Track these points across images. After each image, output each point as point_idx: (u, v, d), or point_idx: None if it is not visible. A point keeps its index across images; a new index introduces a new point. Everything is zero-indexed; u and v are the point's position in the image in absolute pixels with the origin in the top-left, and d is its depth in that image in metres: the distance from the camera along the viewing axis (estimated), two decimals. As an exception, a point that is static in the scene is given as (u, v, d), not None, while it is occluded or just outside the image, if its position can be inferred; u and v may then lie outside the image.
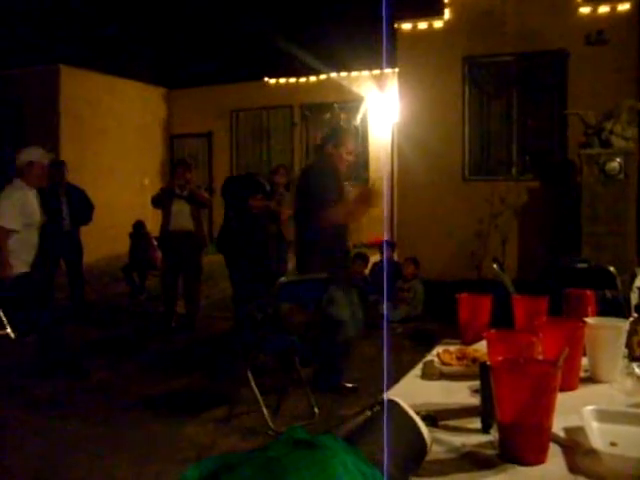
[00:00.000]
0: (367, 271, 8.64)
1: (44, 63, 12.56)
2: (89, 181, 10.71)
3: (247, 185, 7.38)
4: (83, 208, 8.26)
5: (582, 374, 1.98)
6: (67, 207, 8.13)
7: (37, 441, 4.20)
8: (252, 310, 7.31)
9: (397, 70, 10.53)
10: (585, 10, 9.15)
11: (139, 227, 10.13)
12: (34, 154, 5.84)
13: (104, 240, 11.51)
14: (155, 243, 9.63)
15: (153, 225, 8.80)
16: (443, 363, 2.16)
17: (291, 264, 7.04)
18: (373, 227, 8.92)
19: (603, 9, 9.06)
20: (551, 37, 9.23)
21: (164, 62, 14.80)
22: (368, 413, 1.30)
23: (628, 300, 4.93)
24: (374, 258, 9.01)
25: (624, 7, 8.96)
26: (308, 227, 4.88)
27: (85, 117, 12.70)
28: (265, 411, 4.30)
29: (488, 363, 1.59)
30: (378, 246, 8.94)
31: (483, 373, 1.57)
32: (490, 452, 1.45)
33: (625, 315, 2.36)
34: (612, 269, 4.83)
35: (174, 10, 14.68)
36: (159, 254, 9.27)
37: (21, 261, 5.63)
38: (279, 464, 0.93)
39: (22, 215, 5.59)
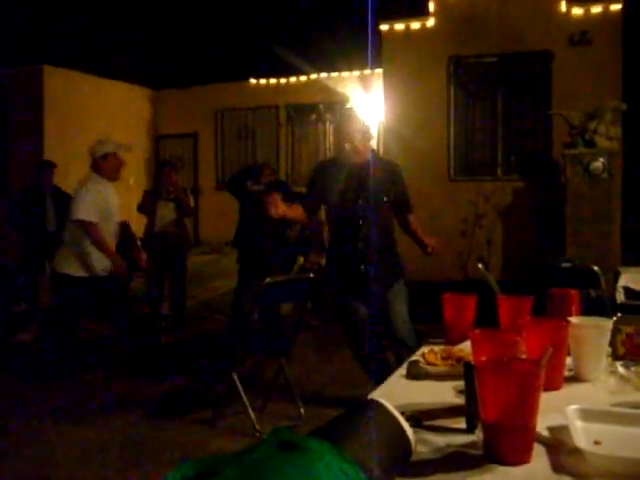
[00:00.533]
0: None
1: (28, 64, 12.47)
2: (74, 182, 10.63)
3: (242, 173, 7.40)
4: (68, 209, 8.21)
5: (566, 373, 1.99)
6: (53, 209, 8.09)
7: (22, 444, 4.17)
8: (243, 310, 7.32)
9: (382, 70, 10.55)
10: (569, 11, 9.21)
11: (124, 228, 10.07)
12: (110, 146, 5.71)
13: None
14: (139, 244, 9.56)
15: (138, 225, 8.75)
16: (428, 363, 2.16)
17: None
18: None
19: (587, 10, 9.12)
20: (535, 38, 9.28)
21: (149, 63, 14.73)
22: (353, 414, 1.30)
23: (612, 299, 4.98)
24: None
25: (607, 8, 9.02)
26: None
27: (70, 118, 12.61)
28: (251, 412, 4.29)
29: (472, 363, 1.60)
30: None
31: (467, 373, 1.57)
32: (475, 452, 1.45)
33: (609, 314, 2.37)
34: (596, 268, 4.87)
35: (159, 11, 14.61)
36: (144, 255, 9.22)
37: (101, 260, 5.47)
38: (263, 466, 0.92)
39: (99, 209, 5.46)
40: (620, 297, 5.03)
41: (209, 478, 0.89)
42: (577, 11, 9.17)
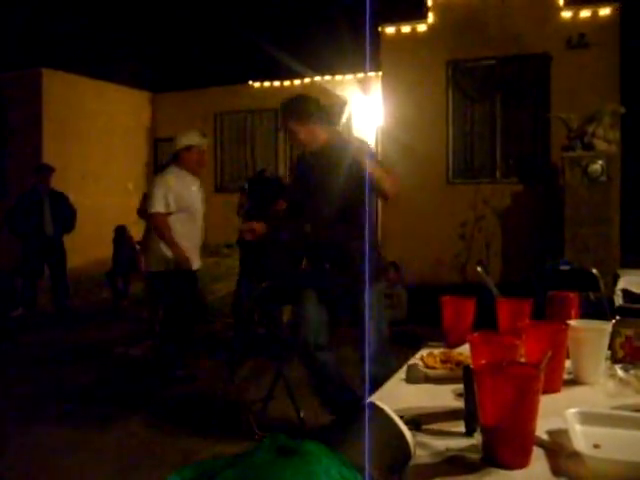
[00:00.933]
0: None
1: (26, 67, 12.47)
2: (73, 185, 10.67)
3: (273, 189, 7.17)
4: (66, 214, 8.22)
5: (565, 376, 1.99)
6: (50, 212, 8.09)
7: (19, 448, 4.16)
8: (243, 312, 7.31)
9: (381, 74, 10.56)
10: (567, 14, 9.22)
11: (121, 232, 10.07)
12: (193, 138, 5.50)
13: (88, 245, 11.43)
14: (138, 247, 9.57)
15: (138, 230, 8.75)
16: (427, 366, 2.15)
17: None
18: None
19: (584, 13, 9.13)
20: (534, 41, 9.29)
21: (148, 66, 14.74)
22: (351, 418, 1.30)
23: (611, 302, 4.98)
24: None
25: (605, 11, 9.04)
26: None
27: (68, 121, 12.62)
28: (250, 416, 4.28)
29: (471, 366, 1.59)
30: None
31: (466, 376, 1.57)
32: (474, 456, 1.45)
33: (608, 317, 2.37)
34: (595, 271, 4.87)
35: (159, 14, 14.63)
36: (142, 258, 9.22)
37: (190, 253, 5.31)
38: (262, 471, 0.92)
39: (174, 200, 5.25)
40: (619, 300, 5.03)
41: (208, 481, 0.89)
42: (575, 14, 9.18)
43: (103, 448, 4.17)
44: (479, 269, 5.29)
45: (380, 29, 10.17)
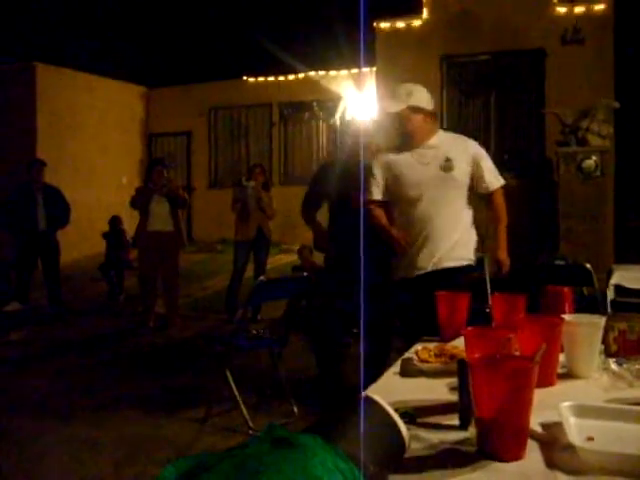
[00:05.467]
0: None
1: (20, 61, 12.42)
2: (66, 180, 10.64)
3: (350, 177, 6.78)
4: (59, 208, 8.19)
5: (559, 370, 1.99)
6: (43, 207, 8.06)
7: (13, 443, 4.16)
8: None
9: (375, 69, 10.55)
10: (561, 10, 9.24)
11: (115, 222, 10.03)
12: None
13: (82, 239, 11.42)
14: (129, 242, 9.56)
15: (131, 225, 8.74)
16: (421, 360, 2.16)
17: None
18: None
19: (579, 9, 9.15)
20: (528, 36, 9.30)
21: (143, 60, 14.70)
22: (346, 410, 1.30)
23: (605, 297, 5.00)
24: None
25: (600, 7, 9.05)
26: None
27: (62, 116, 12.58)
28: (244, 410, 4.28)
29: (466, 360, 1.60)
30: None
31: (461, 370, 1.58)
32: (468, 448, 1.45)
33: (601, 312, 2.38)
34: (589, 266, 4.89)
35: (153, 8, 14.58)
36: (132, 254, 9.23)
37: None
38: (258, 462, 0.92)
39: None
40: (612, 295, 5.05)
41: (203, 473, 0.89)
42: (569, 10, 9.19)
43: (97, 442, 4.17)
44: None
45: (375, 24, 10.16)
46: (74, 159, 12.51)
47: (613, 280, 5.18)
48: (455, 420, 1.60)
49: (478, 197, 3.98)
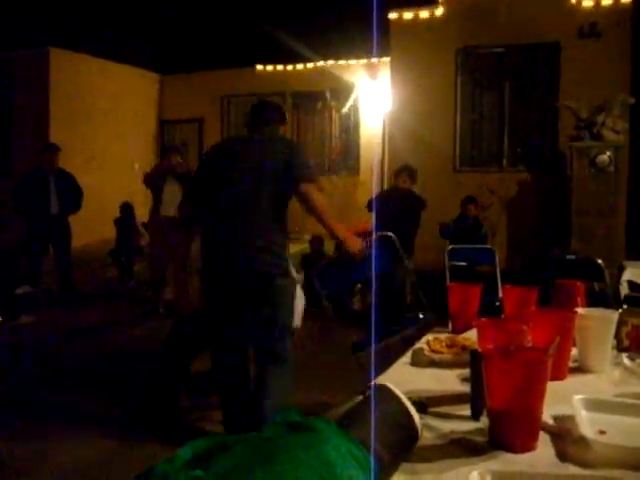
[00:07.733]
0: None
1: (34, 46, 12.43)
2: (79, 165, 10.66)
3: None
4: (72, 193, 8.21)
5: (571, 364, 1.99)
6: (56, 192, 8.09)
7: (17, 433, 4.15)
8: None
9: (389, 59, 10.51)
10: (578, 3, 9.15)
11: (127, 208, 10.05)
12: None
13: (93, 225, 11.45)
14: (141, 228, 9.60)
15: (143, 210, 8.75)
16: (433, 351, 2.16)
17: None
18: (363, 215, 8.86)
19: (597, 2, 9.06)
20: (544, 29, 9.23)
21: (157, 47, 14.69)
22: (360, 398, 1.31)
23: (616, 293, 4.98)
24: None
25: (618, 0, 8.97)
26: None
27: (75, 101, 12.59)
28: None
29: (479, 350, 1.60)
30: (363, 235, 8.88)
31: (474, 360, 1.58)
32: (480, 439, 1.46)
33: (612, 308, 2.37)
34: (600, 262, 4.87)
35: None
36: (144, 239, 9.25)
37: None
38: (273, 445, 0.93)
39: None
40: (624, 291, 5.03)
41: (219, 453, 0.90)
42: (587, 3, 9.11)
43: (106, 427, 4.20)
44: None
45: (390, 14, 10.11)
46: (87, 144, 12.53)
47: (625, 277, 5.15)
48: (466, 410, 1.60)
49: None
